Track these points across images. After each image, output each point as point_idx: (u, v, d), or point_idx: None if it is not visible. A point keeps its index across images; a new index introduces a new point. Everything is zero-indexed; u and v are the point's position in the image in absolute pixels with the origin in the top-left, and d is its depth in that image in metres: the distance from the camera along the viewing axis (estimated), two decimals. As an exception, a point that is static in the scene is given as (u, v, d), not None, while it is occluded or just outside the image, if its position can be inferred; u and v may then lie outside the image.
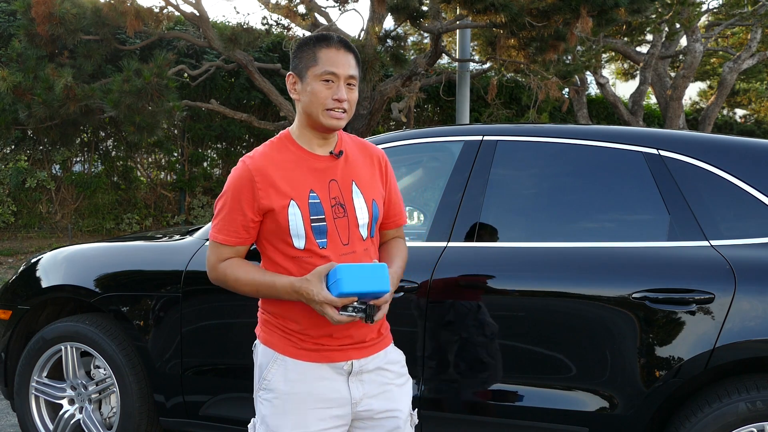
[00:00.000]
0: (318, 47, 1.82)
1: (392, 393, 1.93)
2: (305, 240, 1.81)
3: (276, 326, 1.88)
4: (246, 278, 1.83)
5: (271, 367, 1.86)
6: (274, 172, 1.83)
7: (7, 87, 7.33)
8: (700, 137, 2.61)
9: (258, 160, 1.85)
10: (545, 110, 11.90)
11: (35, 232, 9.57)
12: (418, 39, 13.33)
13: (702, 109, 17.92)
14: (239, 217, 1.83)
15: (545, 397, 2.42)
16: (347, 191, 1.87)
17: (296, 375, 1.84)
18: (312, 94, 1.81)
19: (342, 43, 1.84)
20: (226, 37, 8.26)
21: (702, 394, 2.30)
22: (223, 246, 1.86)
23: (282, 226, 1.81)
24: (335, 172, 1.87)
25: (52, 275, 3.19)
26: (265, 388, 1.87)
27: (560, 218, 2.60)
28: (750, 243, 2.32)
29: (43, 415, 3.18)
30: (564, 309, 2.41)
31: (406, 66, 8.04)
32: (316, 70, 1.81)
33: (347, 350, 1.87)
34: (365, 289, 1.71)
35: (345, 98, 1.81)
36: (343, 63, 1.81)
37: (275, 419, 1.84)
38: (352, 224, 1.86)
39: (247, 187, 1.81)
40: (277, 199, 1.80)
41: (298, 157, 1.86)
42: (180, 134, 10.53)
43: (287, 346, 1.86)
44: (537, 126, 2.84)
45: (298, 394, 1.83)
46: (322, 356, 1.85)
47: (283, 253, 1.84)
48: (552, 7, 7.23)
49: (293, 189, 1.82)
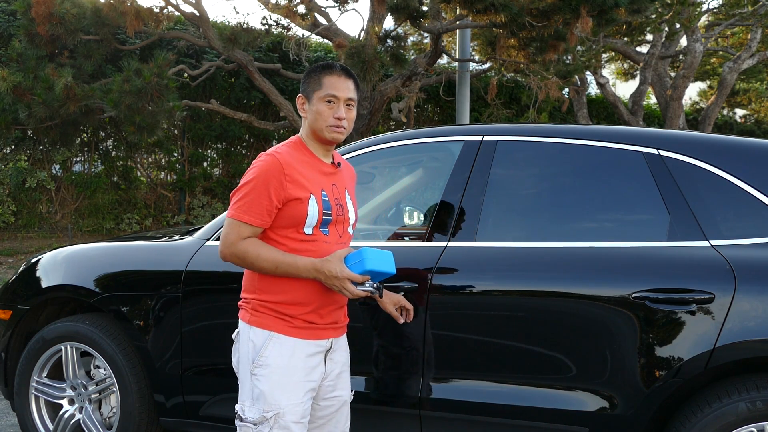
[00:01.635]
0: (323, 74, 2.16)
1: (345, 374, 2.29)
2: (313, 228, 2.12)
3: (270, 309, 2.12)
4: (268, 255, 2.07)
5: (267, 345, 2.10)
6: (298, 168, 2.11)
7: (7, 87, 7.33)
8: (700, 137, 2.61)
9: (285, 156, 2.12)
10: (545, 110, 11.90)
11: (35, 232, 9.57)
12: (418, 39, 13.32)
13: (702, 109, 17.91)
14: (265, 202, 2.07)
15: (545, 397, 2.42)
16: (342, 195, 2.23)
17: (289, 350, 2.11)
18: (317, 113, 2.15)
19: (343, 71, 2.18)
20: (226, 37, 8.26)
21: (702, 394, 2.30)
22: (245, 225, 2.09)
23: (301, 215, 2.09)
24: (335, 179, 2.22)
25: (52, 275, 3.19)
26: (261, 364, 2.10)
27: (560, 218, 2.60)
28: (750, 243, 2.32)
29: (43, 415, 3.18)
30: (564, 309, 2.41)
31: (406, 66, 8.04)
32: (320, 93, 2.15)
33: (329, 330, 2.19)
34: (383, 268, 2.07)
35: (344, 117, 2.15)
36: (343, 87, 2.15)
37: (273, 392, 2.08)
38: (346, 222, 2.22)
39: (277, 177, 2.07)
40: (301, 191, 2.09)
41: (312, 161, 2.18)
42: (180, 134, 10.52)
43: (282, 326, 2.12)
44: (537, 126, 2.84)
45: (292, 368, 2.10)
46: (311, 334, 2.15)
47: (291, 237, 2.11)
48: (552, 7, 7.22)
49: (312, 185, 2.12)
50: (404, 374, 2.59)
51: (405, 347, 2.58)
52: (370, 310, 2.62)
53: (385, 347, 2.62)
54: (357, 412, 2.61)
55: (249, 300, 2.17)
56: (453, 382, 2.54)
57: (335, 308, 2.20)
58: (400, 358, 2.60)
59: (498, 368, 2.49)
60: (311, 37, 9.90)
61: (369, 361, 2.64)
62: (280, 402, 2.07)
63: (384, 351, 2.62)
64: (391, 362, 2.61)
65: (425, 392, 2.56)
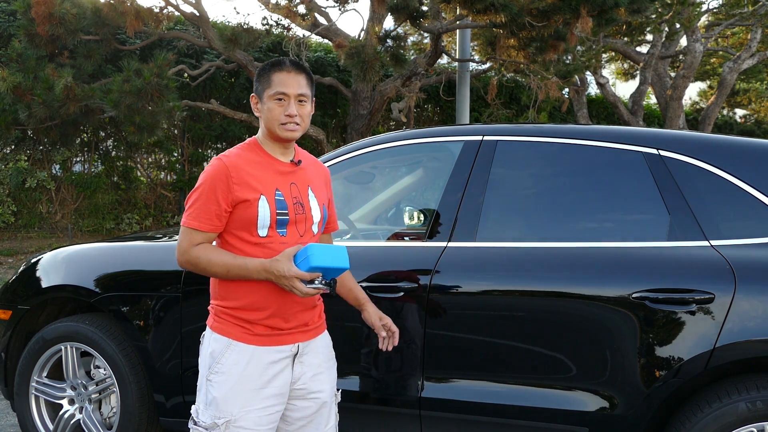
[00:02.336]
0: (272, 71, 2.12)
1: (323, 375, 2.20)
2: (268, 229, 2.07)
3: (230, 315, 2.10)
4: (218, 260, 2.06)
5: (223, 353, 2.08)
6: (247, 170, 2.08)
7: (7, 87, 7.33)
8: (700, 137, 2.61)
9: (233, 158, 2.09)
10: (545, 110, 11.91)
11: (35, 232, 9.57)
12: (418, 39, 13.33)
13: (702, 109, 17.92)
14: (213, 207, 2.06)
15: (545, 397, 2.42)
16: (304, 193, 2.16)
17: (247, 359, 2.07)
18: (268, 111, 2.11)
19: (294, 66, 2.12)
20: (226, 37, 8.26)
21: (702, 394, 2.30)
22: (196, 232, 2.08)
23: (251, 217, 2.05)
24: (295, 177, 2.16)
25: (52, 275, 3.19)
26: (217, 371, 2.08)
27: (560, 218, 2.60)
28: (750, 243, 2.32)
29: (43, 415, 3.18)
30: (564, 309, 2.41)
31: (406, 66, 8.04)
32: (270, 91, 2.10)
33: (295, 334, 2.13)
34: (331, 264, 1.96)
35: (295, 113, 2.09)
36: (293, 83, 2.10)
37: (225, 400, 2.06)
38: (308, 221, 2.16)
39: (223, 181, 2.05)
40: (250, 193, 2.05)
41: (266, 161, 2.13)
42: (180, 134, 10.53)
43: (240, 333, 2.08)
44: (537, 126, 2.84)
45: (248, 377, 2.06)
46: (273, 340, 2.10)
47: (246, 240, 2.07)
48: (552, 7, 7.22)
49: (263, 186, 2.07)
50: (404, 374, 2.59)
51: (405, 347, 2.58)
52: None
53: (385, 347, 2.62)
54: (357, 412, 2.62)
55: (213, 306, 2.16)
56: (453, 382, 2.54)
57: (301, 310, 2.13)
58: (400, 358, 2.60)
59: (498, 368, 2.49)
60: (311, 37, 9.90)
61: (369, 361, 2.64)
62: (232, 409, 2.05)
63: (384, 351, 2.62)
64: (391, 362, 2.61)
65: (425, 392, 2.56)
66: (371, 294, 2.59)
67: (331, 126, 11.70)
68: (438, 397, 2.55)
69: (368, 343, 2.64)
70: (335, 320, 2.68)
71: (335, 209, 2.39)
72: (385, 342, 2.31)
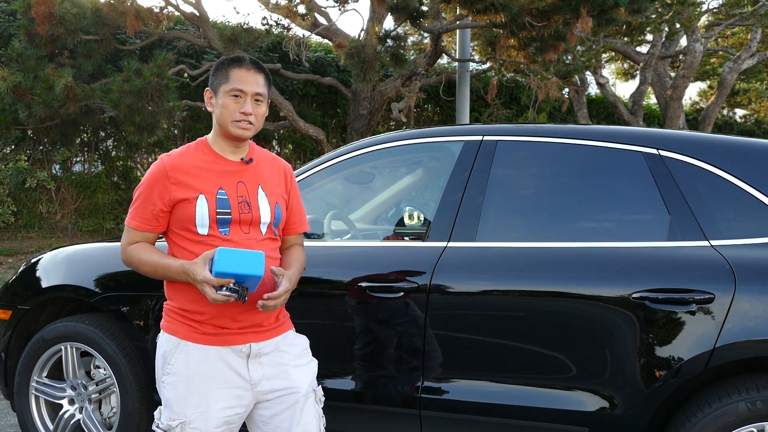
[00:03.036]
0: (231, 67, 2.08)
1: (289, 373, 2.12)
2: (209, 228, 2.04)
3: (179, 315, 2.08)
4: (146, 259, 2.06)
5: (174, 353, 2.06)
6: (187, 170, 2.07)
7: (7, 87, 7.33)
8: (700, 137, 2.61)
9: (174, 158, 2.09)
10: (545, 110, 11.91)
11: (35, 232, 9.57)
12: (418, 39, 13.33)
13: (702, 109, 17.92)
14: (150, 207, 2.06)
15: (545, 397, 2.42)
16: (253, 192, 2.11)
17: (197, 359, 2.04)
18: (223, 107, 2.07)
19: (253, 64, 2.09)
20: (226, 37, 8.27)
21: (702, 394, 2.30)
22: (133, 231, 2.10)
23: (189, 215, 2.03)
24: (244, 176, 2.12)
25: (52, 275, 3.19)
26: (169, 372, 2.06)
27: (560, 218, 2.60)
28: (750, 243, 2.32)
29: (43, 415, 3.18)
30: (564, 309, 2.41)
31: (406, 66, 8.04)
32: (226, 87, 2.06)
33: (246, 334, 2.07)
34: (238, 270, 1.89)
35: (251, 112, 2.06)
36: (251, 81, 2.06)
37: (179, 401, 2.03)
38: (254, 220, 2.09)
39: (161, 181, 2.05)
40: (187, 192, 2.04)
41: (212, 160, 2.10)
42: (180, 134, 10.53)
43: (189, 332, 2.05)
44: (537, 126, 2.84)
45: (199, 376, 2.03)
46: (222, 340, 2.05)
47: (188, 239, 2.06)
48: (552, 7, 7.23)
49: (203, 185, 2.05)
50: (404, 374, 2.59)
51: (405, 347, 2.58)
52: (370, 310, 2.62)
53: (385, 347, 2.62)
54: (357, 412, 2.62)
55: (164, 305, 2.14)
56: (453, 382, 2.54)
57: (247, 310, 2.05)
58: (400, 357, 2.60)
59: (498, 368, 2.48)
60: (311, 37, 9.90)
61: (369, 361, 2.64)
62: (186, 411, 2.02)
63: (384, 351, 2.62)
64: (391, 362, 2.61)
65: (425, 392, 2.55)
66: (371, 294, 2.59)
67: (331, 126, 11.70)
68: (438, 397, 2.55)
69: (368, 342, 2.64)
70: (335, 320, 2.68)
71: (303, 209, 2.31)
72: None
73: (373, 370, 2.64)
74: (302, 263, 2.23)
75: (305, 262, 2.26)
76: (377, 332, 2.63)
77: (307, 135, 9.18)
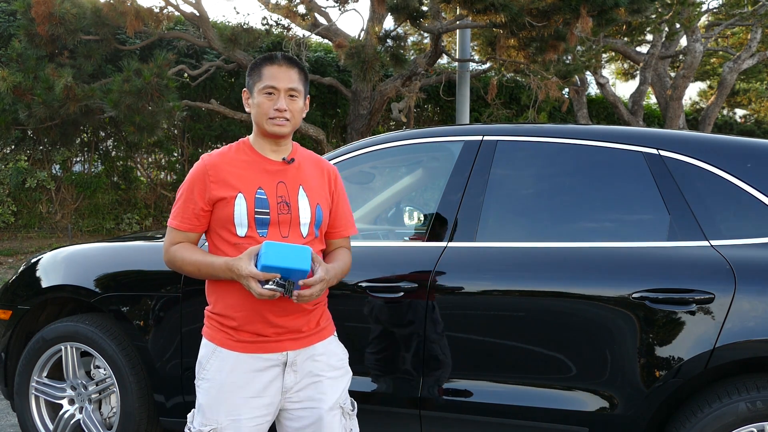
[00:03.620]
0: (263, 65, 2.07)
1: (321, 385, 2.08)
2: (247, 228, 2.01)
3: (216, 321, 2.07)
4: (189, 259, 2.04)
5: (209, 359, 2.05)
6: (227, 169, 2.06)
7: (7, 87, 7.33)
8: (700, 137, 2.61)
9: (215, 157, 2.09)
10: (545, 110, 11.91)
11: (35, 232, 9.57)
12: (418, 39, 13.33)
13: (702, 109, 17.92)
14: (191, 206, 2.06)
15: (545, 397, 2.42)
16: (294, 192, 2.08)
17: (230, 366, 2.02)
18: (257, 106, 2.06)
19: (285, 60, 2.07)
20: (226, 37, 8.27)
21: (702, 394, 2.30)
22: (175, 231, 2.09)
23: (228, 215, 2.01)
24: (285, 176, 2.09)
25: (52, 275, 3.19)
26: (203, 377, 2.06)
27: (560, 218, 2.60)
28: (750, 243, 2.32)
29: (43, 415, 3.18)
30: (564, 309, 2.41)
31: (406, 66, 8.04)
32: (260, 85, 2.05)
33: (283, 342, 2.04)
34: (284, 264, 1.86)
35: (284, 108, 2.03)
36: (284, 77, 2.04)
37: (211, 407, 2.02)
38: (294, 221, 2.05)
39: (201, 180, 2.05)
40: (227, 191, 2.02)
41: (253, 159, 2.09)
42: (180, 134, 10.53)
43: (224, 339, 2.04)
44: (537, 126, 2.84)
45: (232, 385, 2.01)
46: (258, 347, 2.03)
47: (226, 240, 2.04)
48: (552, 7, 7.23)
49: (242, 184, 2.03)
50: (404, 374, 2.59)
51: (405, 347, 2.58)
52: (370, 310, 2.62)
53: (385, 347, 2.62)
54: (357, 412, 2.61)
55: (205, 311, 2.14)
56: (453, 382, 2.54)
57: (284, 314, 2.02)
58: (400, 357, 2.60)
59: (498, 368, 2.49)
60: (311, 37, 9.90)
61: (369, 361, 2.64)
62: (218, 418, 2.00)
63: (384, 351, 2.62)
64: (391, 362, 2.61)
65: (425, 392, 2.56)
66: (371, 294, 2.59)
67: (331, 126, 11.70)
68: (438, 396, 2.55)
69: (367, 342, 2.64)
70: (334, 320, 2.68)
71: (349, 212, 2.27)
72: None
73: (372, 369, 2.64)
74: (345, 263, 2.17)
75: (349, 264, 2.21)
76: (377, 332, 2.63)
77: (307, 135, 9.17)
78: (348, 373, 2.19)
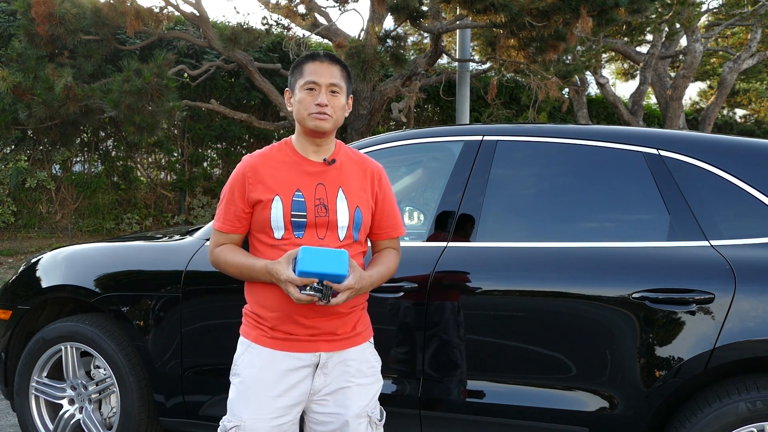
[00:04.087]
0: (305, 63, 2.06)
1: (349, 391, 2.07)
2: (284, 231, 2.01)
3: (252, 318, 2.08)
4: (232, 260, 2.05)
5: (243, 354, 2.06)
6: (266, 170, 2.05)
7: (7, 87, 7.33)
8: (700, 137, 2.61)
9: (255, 158, 2.09)
10: (545, 110, 11.90)
11: (35, 232, 9.57)
12: (418, 39, 13.33)
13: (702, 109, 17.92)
14: (233, 208, 2.06)
15: (545, 397, 2.42)
16: (332, 195, 2.05)
17: (262, 361, 2.02)
18: (299, 102, 2.04)
19: (327, 57, 2.07)
20: (226, 37, 8.26)
21: (702, 394, 2.30)
22: (219, 233, 2.11)
23: (265, 218, 2.01)
24: (325, 177, 2.06)
25: (52, 275, 3.19)
26: (235, 373, 2.07)
27: (560, 218, 2.60)
28: (750, 243, 2.32)
29: (43, 415, 3.18)
30: (564, 309, 2.41)
31: (406, 66, 8.04)
32: (301, 81, 2.05)
33: (317, 342, 2.03)
34: (321, 269, 1.85)
35: (326, 103, 2.01)
36: (325, 73, 2.03)
37: (238, 403, 2.03)
38: (331, 224, 2.03)
39: (241, 181, 2.05)
40: (265, 193, 2.02)
41: (293, 160, 2.07)
42: (180, 134, 10.52)
43: (258, 335, 2.05)
44: (537, 126, 2.84)
45: (261, 381, 2.01)
46: (291, 346, 2.01)
47: (264, 242, 2.04)
48: (552, 7, 7.22)
49: (280, 186, 2.02)
50: (404, 374, 2.59)
51: (405, 347, 2.58)
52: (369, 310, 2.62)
53: (384, 347, 2.62)
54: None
55: (243, 309, 2.14)
56: (453, 382, 2.54)
57: (318, 316, 2.00)
58: (400, 357, 2.60)
59: (498, 368, 2.49)
60: (311, 37, 9.90)
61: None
62: (242, 414, 2.00)
63: (384, 351, 2.62)
64: (391, 362, 2.61)
65: (425, 392, 2.55)
66: (371, 294, 2.59)
67: (331, 126, 11.66)
68: (438, 397, 2.55)
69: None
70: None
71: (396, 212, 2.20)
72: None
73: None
74: (389, 267, 2.14)
75: (394, 267, 2.17)
76: (377, 332, 2.62)
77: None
78: (378, 382, 2.16)
